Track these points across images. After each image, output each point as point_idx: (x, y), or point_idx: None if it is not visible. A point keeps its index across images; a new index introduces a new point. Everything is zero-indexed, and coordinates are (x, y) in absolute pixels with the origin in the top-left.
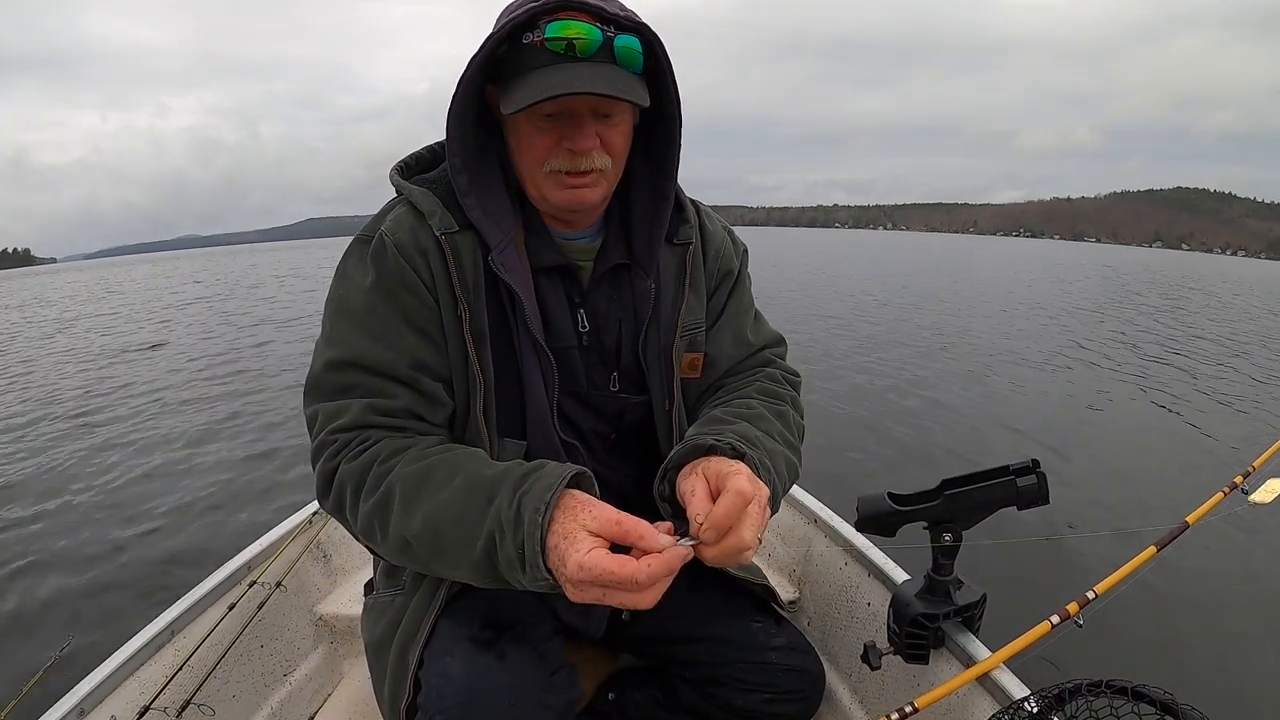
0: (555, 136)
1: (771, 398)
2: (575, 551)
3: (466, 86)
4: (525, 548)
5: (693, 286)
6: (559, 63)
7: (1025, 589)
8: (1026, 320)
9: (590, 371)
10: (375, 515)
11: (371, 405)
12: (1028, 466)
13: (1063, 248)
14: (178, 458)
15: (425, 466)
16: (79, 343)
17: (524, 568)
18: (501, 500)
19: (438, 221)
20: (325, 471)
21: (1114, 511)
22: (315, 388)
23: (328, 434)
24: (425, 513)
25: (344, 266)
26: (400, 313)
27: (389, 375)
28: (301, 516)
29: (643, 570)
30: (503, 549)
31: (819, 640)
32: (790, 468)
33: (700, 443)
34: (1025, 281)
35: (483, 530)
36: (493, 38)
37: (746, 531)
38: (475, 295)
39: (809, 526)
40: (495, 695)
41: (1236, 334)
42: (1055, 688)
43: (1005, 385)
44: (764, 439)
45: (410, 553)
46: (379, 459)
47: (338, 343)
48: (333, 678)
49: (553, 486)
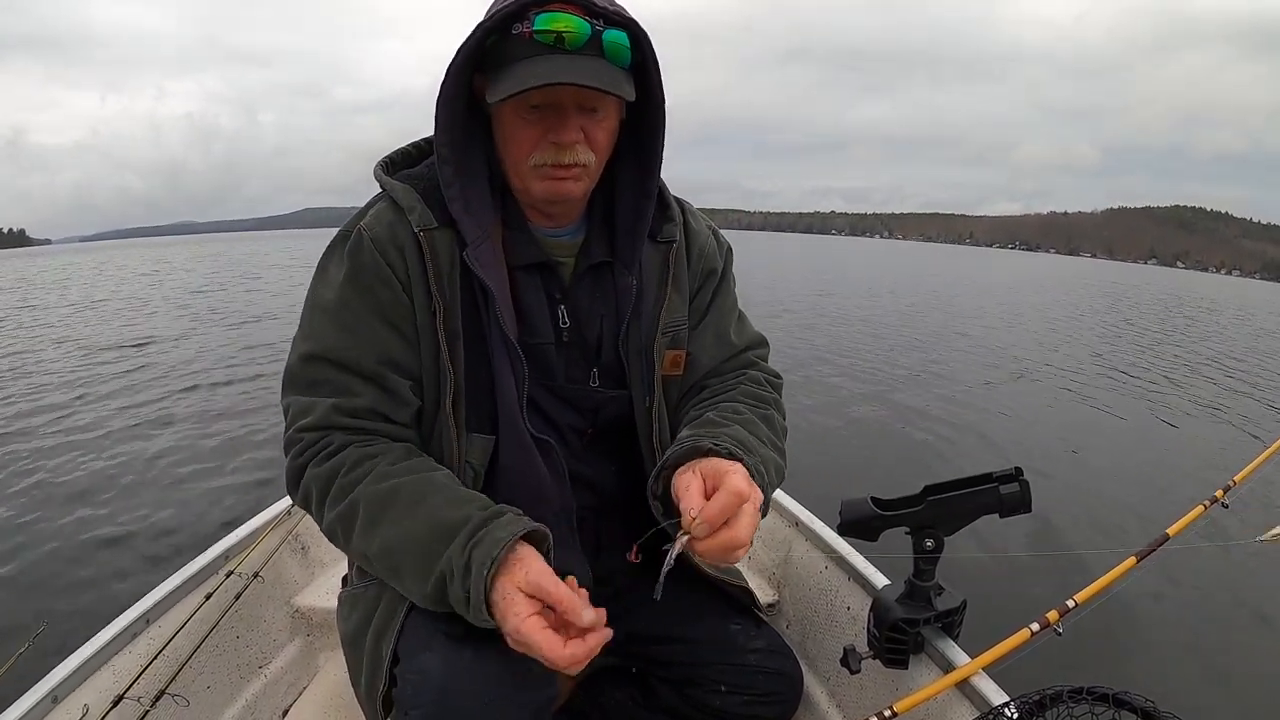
0: (541, 129)
1: (756, 401)
2: (512, 615)
3: (455, 75)
4: (470, 595)
5: (676, 285)
6: (546, 54)
7: (1006, 597)
8: (1018, 332)
9: (570, 367)
10: (338, 524)
11: (336, 406)
12: (1011, 474)
13: (1058, 262)
14: (160, 445)
15: (390, 489)
16: (72, 331)
17: (469, 610)
18: (455, 548)
19: (417, 218)
20: (294, 469)
21: (1095, 522)
22: (290, 380)
23: (295, 431)
24: (385, 538)
25: (324, 262)
26: (373, 307)
27: (355, 371)
28: (280, 507)
29: (565, 657)
30: (451, 590)
31: (798, 643)
32: (778, 472)
33: (699, 445)
34: (1019, 294)
35: (435, 569)
36: (482, 27)
37: (741, 529)
38: (450, 291)
39: (790, 529)
40: (471, 692)
41: (1227, 351)
42: (1036, 694)
43: (991, 395)
44: (757, 445)
45: (369, 565)
46: (344, 468)
47: (312, 336)
48: (308, 670)
49: (500, 542)
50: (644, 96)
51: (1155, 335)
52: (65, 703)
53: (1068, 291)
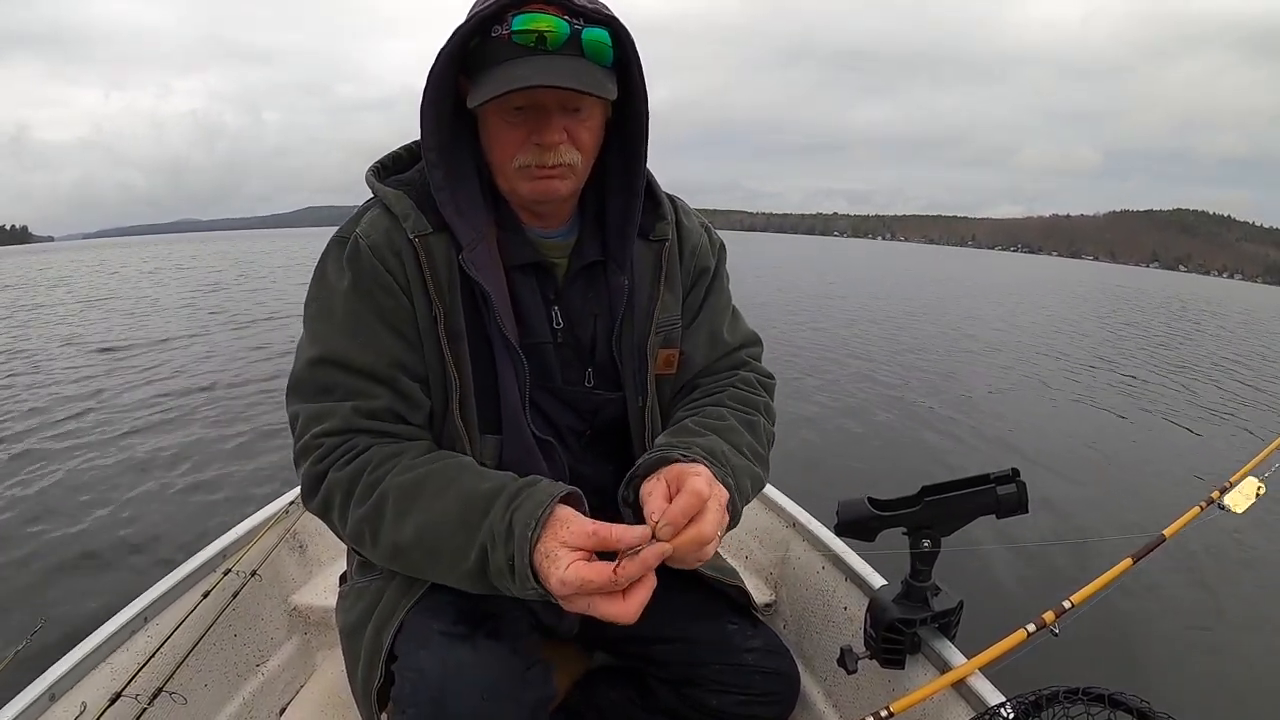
0: (524, 131)
1: (744, 405)
2: (556, 569)
3: (438, 80)
4: (515, 560)
5: (668, 283)
6: (526, 55)
7: (1003, 597)
8: (1018, 333)
9: (565, 368)
10: (366, 523)
11: (356, 408)
12: (1008, 475)
13: (1060, 265)
14: (159, 442)
15: (417, 477)
16: (79, 329)
17: (514, 578)
18: (495, 514)
19: (411, 224)
20: (313, 475)
21: (1091, 523)
22: (297, 387)
23: (312, 438)
24: (419, 522)
25: (322, 267)
26: (377, 313)
27: (369, 375)
28: (278, 506)
29: (620, 575)
30: (494, 559)
31: (795, 643)
32: (755, 481)
33: (667, 455)
34: (1020, 295)
35: (476, 540)
36: (460, 31)
37: (706, 525)
38: (450, 296)
39: (787, 530)
40: (469, 689)
41: (1228, 354)
42: (1031, 694)
43: (991, 397)
44: (731, 454)
45: (401, 559)
46: (369, 467)
47: (319, 341)
48: (305, 669)
49: (543, 504)
50: (629, 94)
51: (1160, 338)
52: (63, 700)
53: (1070, 294)
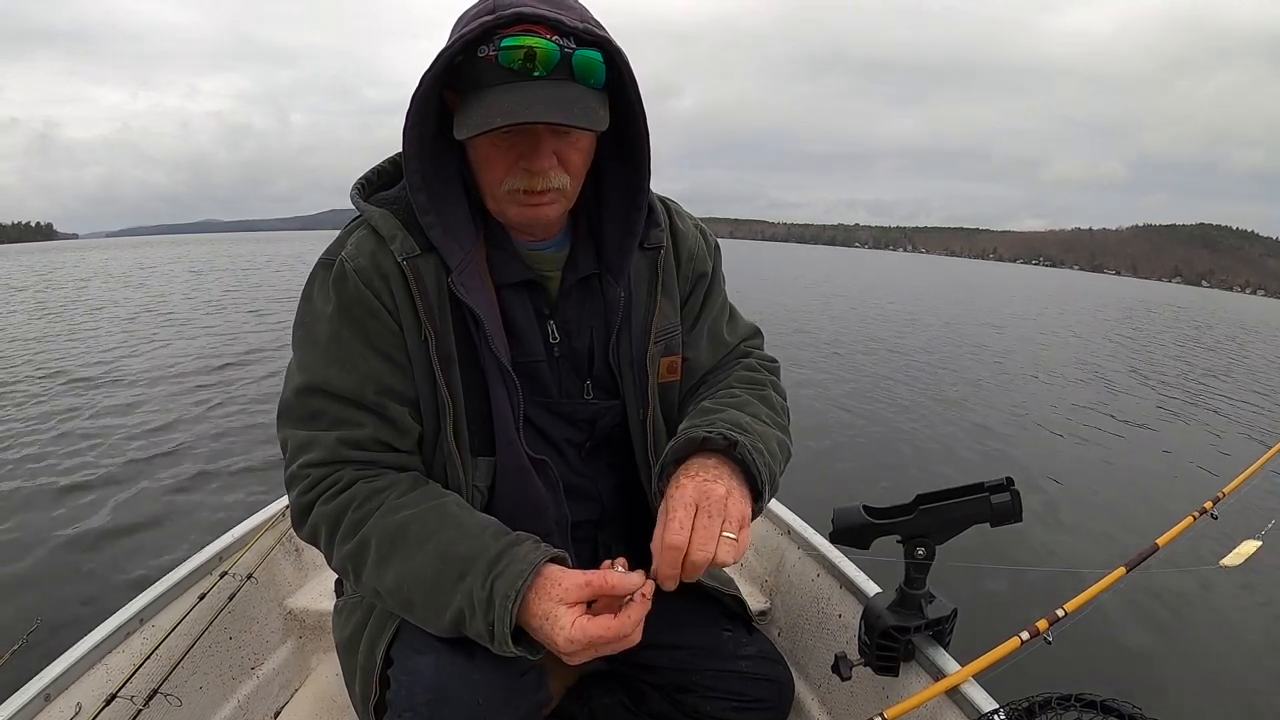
0: (513, 155)
1: (751, 383)
2: (560, 630)
3: (420, 101)
4: (495, 628)
5: (665, 291)
6: (513, 81)
7: (996, 605)
8: (1019, 346)
9: (563, 381)
10: (350, 561)
11: (341, 439)
12: (1002, 484)
13: (1082, 279)
14: (157, 441)
15: (400, 522)
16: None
17: (492, 643)
18: (474, 580)
19: (399, 246)
20: (301, 506)
21: (1085, 532)
22: (285, 413)
23: (299, 467)
24: (397, 573)
25: (308, 290)
26: (364, 338)
27: (354, 402)
28: (275, 509)
29: (627, 624)
30: (472, 625)
31: (789, 650)
32: (782, 446)
33: (694, 435)
34: (1041, 307)
35: (452, 603)
36: (443, 55)
37: (696, 552)
38: (441, 319)
39: (782, 537)
40: (463, 695)
41: (1231, 367)
42: (1025, 701)
43: (985, 406)
44: (753, 423)
45: (382, 601)
46: (353, 504)
47: (306, 369)
48: (301, 673)
49: (523, 574)
50: (627, 109)
51: (1187, 353)
52: (57, 701)
53: (1080, 306)
